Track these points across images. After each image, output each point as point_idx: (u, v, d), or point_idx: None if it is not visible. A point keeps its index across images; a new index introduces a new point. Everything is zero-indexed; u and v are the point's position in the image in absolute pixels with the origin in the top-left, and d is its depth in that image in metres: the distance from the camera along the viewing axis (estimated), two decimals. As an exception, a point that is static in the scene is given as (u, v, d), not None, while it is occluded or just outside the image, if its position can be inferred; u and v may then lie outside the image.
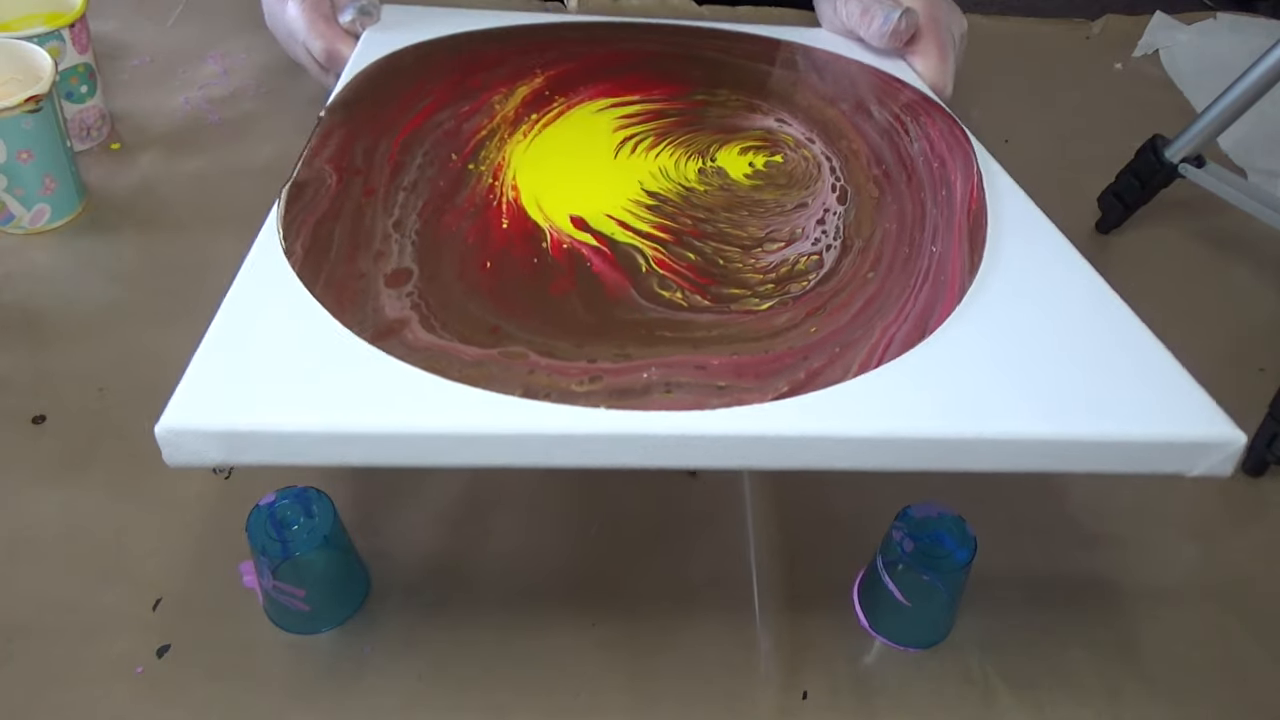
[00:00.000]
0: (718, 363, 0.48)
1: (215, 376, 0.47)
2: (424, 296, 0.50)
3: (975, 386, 0.48)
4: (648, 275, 0.54)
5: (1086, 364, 0.51)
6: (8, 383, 0.76)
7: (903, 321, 0.53)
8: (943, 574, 0.61)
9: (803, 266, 0.58)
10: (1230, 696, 0.63)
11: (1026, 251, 0.61)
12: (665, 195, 0.61)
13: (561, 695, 0.61)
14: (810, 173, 0.68)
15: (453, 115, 0.68)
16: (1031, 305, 0.55)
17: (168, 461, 0.48)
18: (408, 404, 0.44)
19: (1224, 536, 0.71)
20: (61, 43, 0.90)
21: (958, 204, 0.65)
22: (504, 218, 0.56)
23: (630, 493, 0.71)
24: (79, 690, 0.60)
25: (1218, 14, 1.26)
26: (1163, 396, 0.49)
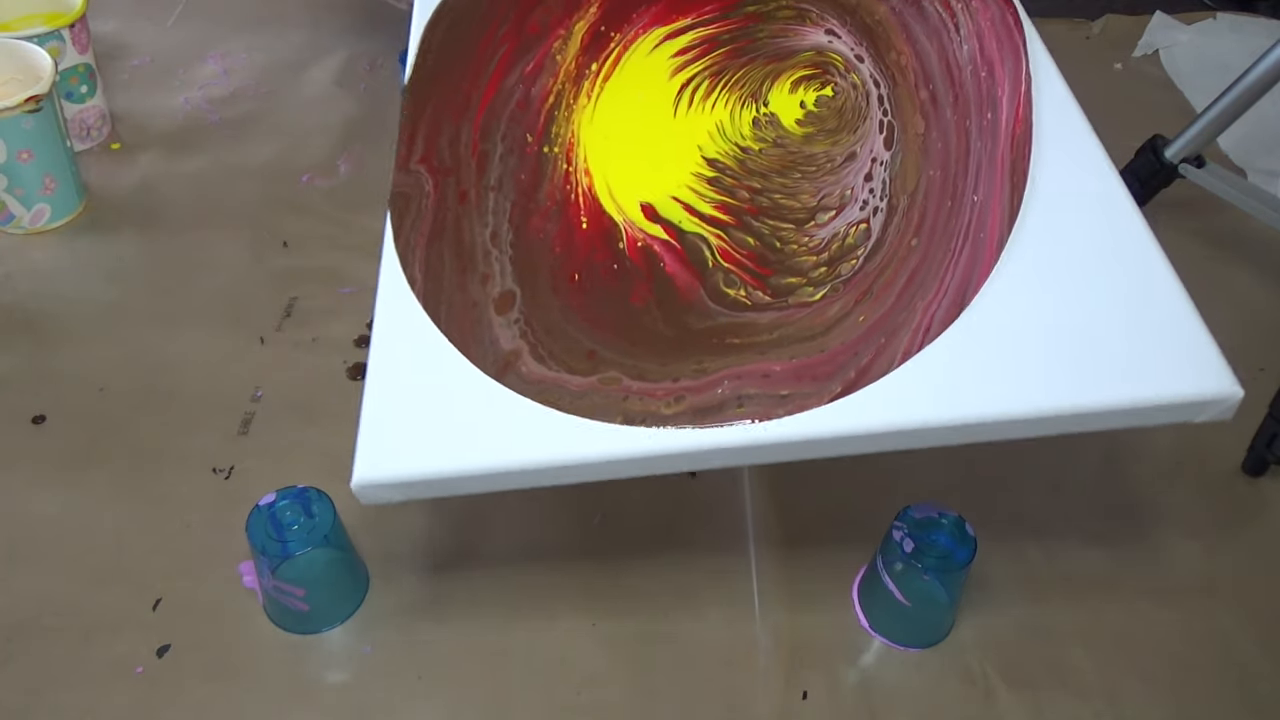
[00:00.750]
0: (780, 369, 0.55)
1: (384, 432, 0.55)
2: (529, 323, 0.59)
3: (1008, 363, 0.53)
4: (714, 270, 0.61)
5: (1111, 326, 0.54)
6: (8, 383, 0.76)
7: (942, 297, 0.57)
8: (943, 574, 0.61)
9: (852, 239, 0.62)
10: (1230, 696, 0.63)
11: (1065, 183, 0.61)
12: (723, 163, 0.67)
13: (562, 693, 0.61)
14: (859, 107, 0.69)
15: (520, 79, 0.70)
16: (1063, 261, 0.57)
17: (363, 502, 0.55)
18: (538, 441, 0.54)
19: (1224, 536, 0.71)
20: (61, 43, 0.90)
21: (1002, 131, 0.65)
22: (583, 215, 0.63)
23: (631, 492, 0.71)
24: (79, 690, 0.60)
25: (1218, 14, 1.26)
26: (1178, 356, 0.53)
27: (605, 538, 0.69)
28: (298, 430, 0.74)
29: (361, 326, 0.81)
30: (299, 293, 0.84)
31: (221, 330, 0.80)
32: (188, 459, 0.72)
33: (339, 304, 0.83)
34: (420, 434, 0.55)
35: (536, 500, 0.70)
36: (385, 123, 1.00)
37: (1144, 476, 0.74)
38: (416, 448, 0.54)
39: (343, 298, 0.83)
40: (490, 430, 0.54)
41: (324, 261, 0.86)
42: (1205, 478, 0.75)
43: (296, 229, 0.89)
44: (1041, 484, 0.73)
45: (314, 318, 0.82)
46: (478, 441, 0.54)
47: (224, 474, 0.71)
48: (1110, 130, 1.07)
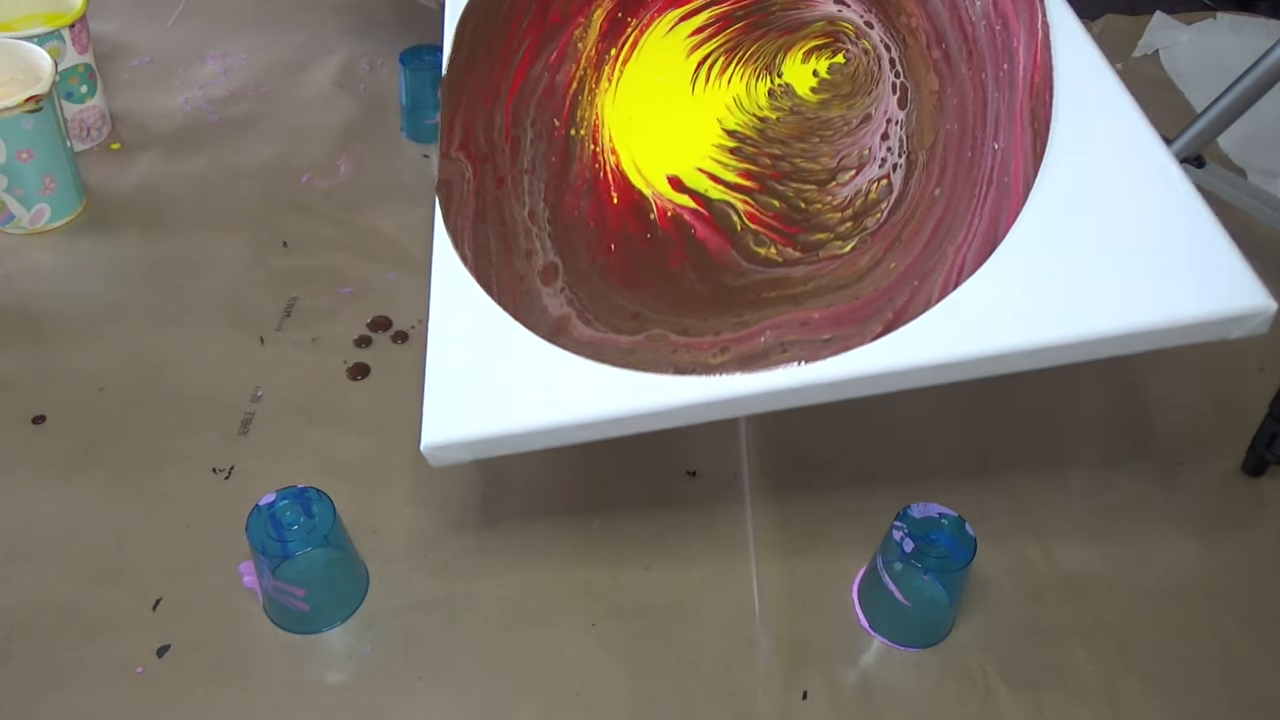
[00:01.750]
0: (818, 316, 0.57)
1: (450, 394, 0.58)
2: (574, 291, 0.61)
3: (1040, 293, 0.54)
4: (743, 233, 0.63)
5: (1142, 251, 0.54)
6: (8, 383, 0.76)
7: (972, 239, 0.58)
8: (943, 574, 0.61)
9: (875, 195, 0.63)
10: (1230, 696, 0.63)
11: (1087, 122, 0.61)
12: (743, 133, 0.68)
13: (562, 694, 0.61)
14: (871, 71, 0.70)
15: (545, 67, 0.73)
16: (1091, 193, 0.57)
17: (434, 465, 0.58)
18: (596, 395, 0.56)
19: (1224, 536, 0.71)
20: (61, 43, 0.90)
21: (1020, 80, 0.65)
22: (613, 191, 0.66)
23: (630, 492, 0.71)
24: (79, 690, 0.60)
25: (1218, 14, 1.26)
26: (1210, 275, 0.53)
27: (605, 538, 0.69)
28: (298, 430, 0.74)
29: (361, 326, 0.81)
30: (299, 293, 0.84)
31: (221, 330, 0.80)
32: (188, 459, 0.72)
33: (339, 304, 0.83)
34: (483, 395, 0.58)
35: (537, 501, 0.70)
36: (385, 123, 1.00)
37: (1144, 476, 0.74)
38: (480, 408, 0.57)
39: (343, 298, 0.84)
40: (549, 388, 0.57)
41: (324, 261, 0.87)
42: (1205, 478, 0.75)
43: (296, 229, 0.89)
44: (1041, 484, 0.73)
45: (314, 318, 0.82)
46: (539, 399, 0.57)
47: (224, 474, 0.71)
48: (1110, 130, 1.07)
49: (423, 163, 0.97)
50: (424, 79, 0.96)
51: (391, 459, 0.72)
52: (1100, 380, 0.81)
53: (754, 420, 0.76)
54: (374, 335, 0.81)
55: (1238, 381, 0.81)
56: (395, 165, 0.96)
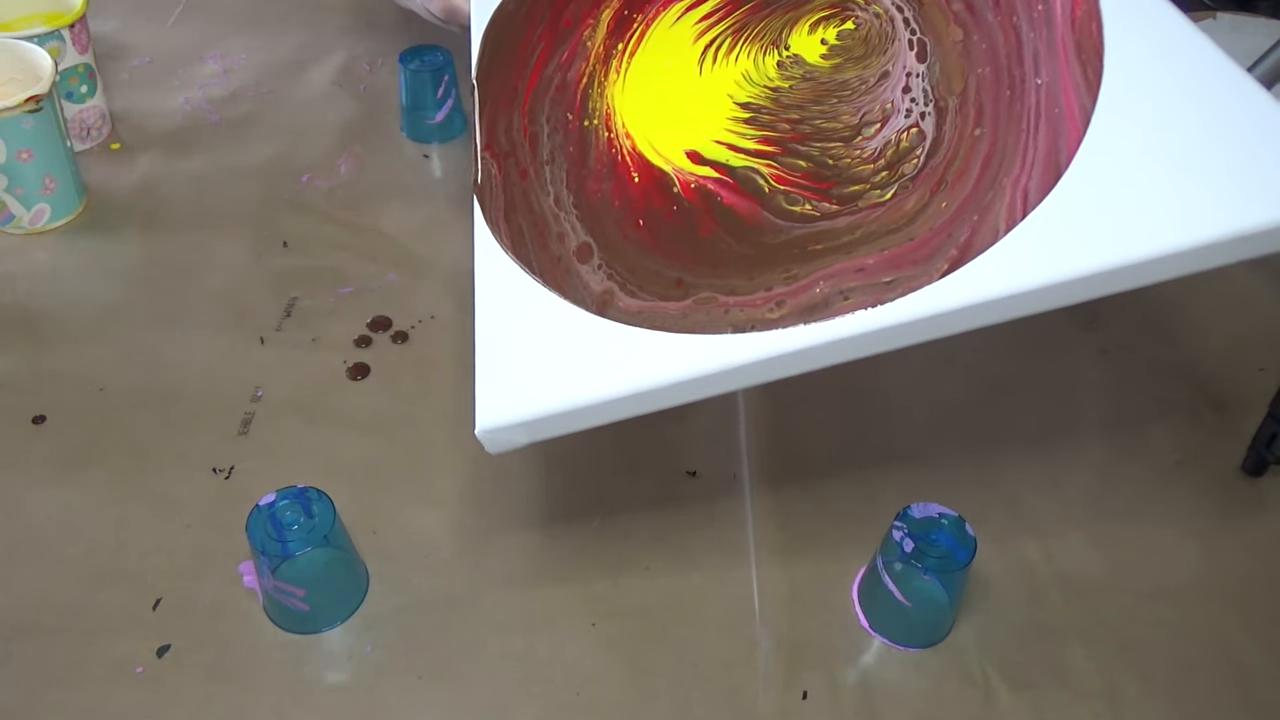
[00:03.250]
0: (873, 261, 0.54)
1: (501, 375, 0.56)
2: (612, 266, 0.59)
3: (1115, 213, 0.51)
4: (772, 194, 0.60)
5: (1215, 159, 0.51)
6: (8, 383, 0.76)
7: (1029, 169, 0.54)
8: (943, 574, 0.61)
9: (906, 143, 0.60)
10: (1230, 696, 0.63)
11: (1143, 42, 0.57)
12: (757, 104, 0.66)
13: (562, 694, 0.61)
14: (885, 32, 0.67)
15: (557, 67, 0.72)
16: (1156, 111, 0.54)
17: (490, 451, 0.56)
18: (656, 362, 0.54)
19: (1224, 536, 0.71)
20: (61, 43, 0.90)
21: (1059, 16, 0.61)
22: (633, 171, 0.64)
23: (630, 492, 0.71)
24: (79, 690, 0.60)
25: (1218, 14, 1.26)
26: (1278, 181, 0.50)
27: (605, 538, 0.69)
28: (298, 430, 0.74)
29: (361, 326, 0.81)
30: (299, 293, 0.84)
31: (221, 330, 0.80)
32: (188, 459, 0.72)
33: (339, 304, 0.83)
34: (536, 373, 0.56)
35: (537, 501, 0.70)
36: (385, 123, 1.00)
37: (1144, 476, 0.74)
38: (535, 387, 0.55)
39: (343, 298, 0.84)
40: (605, 360, 0.55)
41: (324, 261, 0.87)
42: (1205, 478, 0.75)
43: (296, 229, 0.89)
44: (1041, 484, 0.73)
45: (314, 318, 0.82)
46: (595, 372, 0.55)
47: (224, 474, 0.71)
48: (1110, 130, 1.07)
49: (423, 163, 0.97)
50: (424, 79, 0.96)
51: (391, 459, 0.72)
52: (1100, 380, 0.81)
53: (754, 420, 0.76)
54: (374, 335, 0.81)
55: (1238, 381, 0.81)
56: (395, 165, 0.96)
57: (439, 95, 0.97)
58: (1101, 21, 0.59)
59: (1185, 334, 0.85)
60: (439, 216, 0.91)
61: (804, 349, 0.52)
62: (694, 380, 0.54)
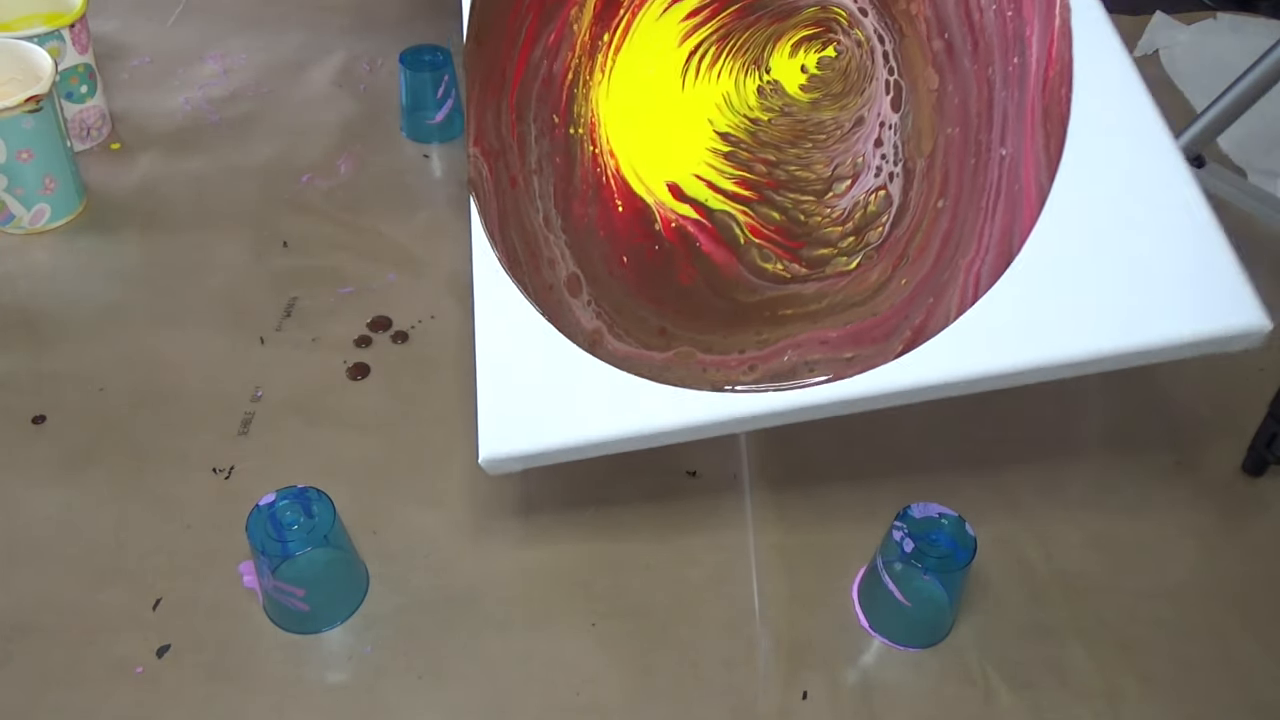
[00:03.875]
0: (836, 335, 0.59)
1: (502, 408, 0.61)
2: (600, 305, 0.63)
3: (1054, 310, 0.56)
4: (747, 247, 0.64)
5: (1154, 269, 0.56)
6: (8, 383, 0.76)
7: (984, 253, 0.58)
8: (943, 574, 0.61)
9: (874, 207, 0.63)
10: (1230, 696, 0.63)
11: (1104, 121, 0.60)
12: (736, 136, 0.69)
13: (561, 693, 0.61)
14: (864, 66, 0.68)
15: (544, 52, 0.72)
16: (1106, 205, 0.58)
17: (488, 473, 0.61)
18: (640, 411, 0.59)
19: (1224, 536, 0.71)
20: (61, 43, 0.90)
21: (1032, 75, 0.62)
22: (617, 199, 0.67)
23: (630, 493, 0.71)
24: (79, 690, 0.60)
25: (1218, 14, 1.26)
26: (1216, 294, 0.55)
27: (605, 538, 0.69)
28: (298, 430, 0.74)
29: (361, 326, 0.81)
30: (299, 293, 0.84)
31: (221, 330, 0.81)
32: (188, 459, 0.72)
33: (339, 304, 0.83)
34: (534, 410, 0.60)
35: (537, 501, 0.70)
36: (385, 123, 1.00)
37: (1144, 477, 0.74)
38: (533, 424, 0.60)
39: (343, 298, 0.84)
40: (595, 404, 0.60)
41: (324, 261, 0.87)
42: (1205, 478, 0.75)
43: (296, 229, 0.89)
44: (1042, 485, 0.73)
45: (314, 318, 0.82)
46: (586, 415, 0.60)
47: (224, 474, 0.71)
48: (1110, 130, 1.07)
49: (423, 163, 0.97)
50: (424, 79, 0.96)
51: (391, 459, 0.72)
52: (1100, 380, 0.81)
53: (754, 420, 0.76)
54: (374, 335, 0.81)
55: (1238, 381, 0.81)
56: (395, 165, 0.96)
57: (439, 95, 0.97)
58: (1072, 87, 0.61)
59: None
60: (439, 216, 0.91)
61: (773, 412, 0.58)
62: (676, 430, 0.59)
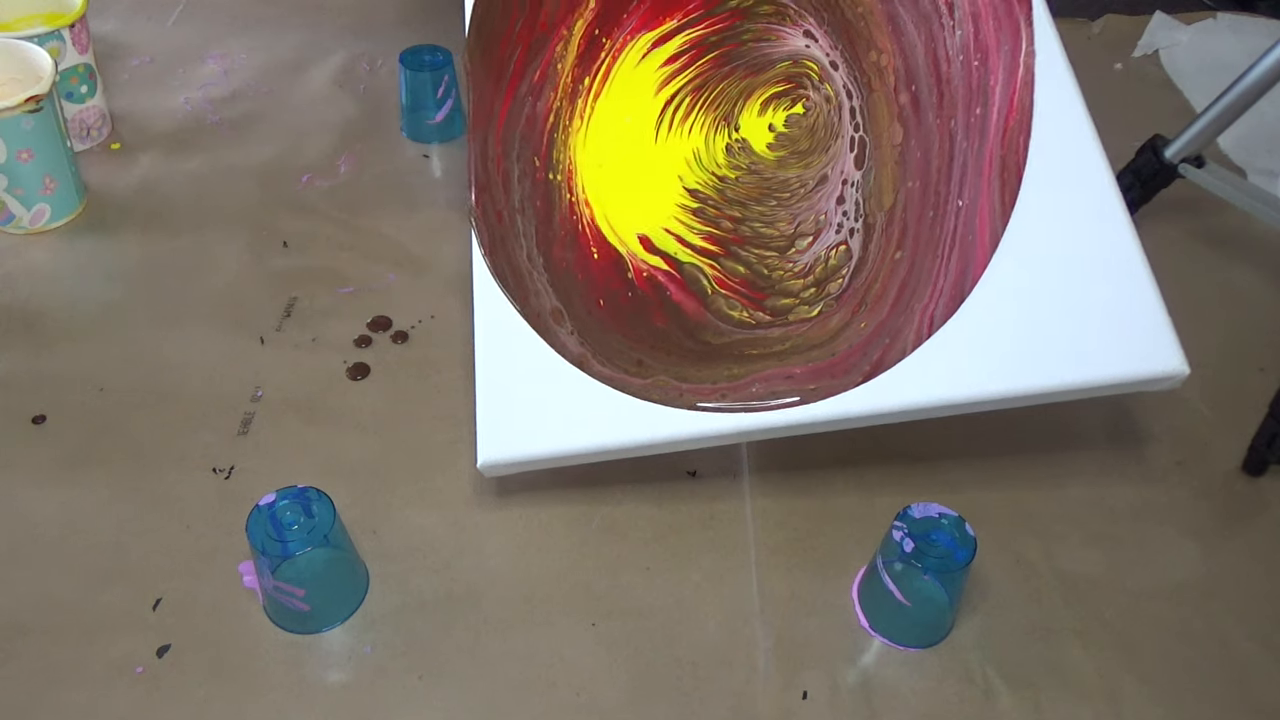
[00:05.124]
0: (800, 371, 0.65)
1: (499, 417, 0.66)
2: (582, 335, 0.68)
3: (999, 349, 0.62)
4: (714, 297, 0.69)
5: (1089, 315, 0.62)
6: (8, 383, 0.76)
7: (938, 297, 0.64)
8: (943, 574, 0.61)
9: (835, 261, 0.68)
10: (1230, 696, 0.63)
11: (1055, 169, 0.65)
12: (704, 193, 0.73)
13: (562, 694, 0.61)
14: (830, 123, 0.71)
15: (529, 89, 0.75)
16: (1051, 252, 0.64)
17: (485, 475, 0.68)
18: (626, 425, 0.65)
19: (1224, 536, 0.71)
20: (61, 43, 0.90)
21: (992, 125, 0.66)
22: (592, 246, 0.71)
23: (630, 493, 0.71)
24: (79, 690, 0.60)
25: (1218, 14, 1.26)
26: (1143, 341, 0.62)
27: (605, 538, 0.69)
28: (298, 430, 0.74)
29: (361, 326, 0.81)
30: (299, 293, 0.84)
31: (221, 330, 0.81)
32: (188, 459, 0.72)
33: (339, 304, 0.83)
34: (529, 420, 0.66)
35: (537, 501, 0.70)
36: (385, 123, 1.00)
37: (1144, 476, 0.74)
38: (528, 433, 0.66)
39: (343, 298, 0.84)
40: (584, 417, 0.65)
41: (324, 261, 0.87)
42: (1205, 478, 0.75)
43: (296, 229, 0.89)
44: (1041, 484, 0.73)
45: (314, 318, 0.82)
46: (575, 427, 0.65)
47: (224, 474, 0.71)
48: (1110, 130, 1.07)
49: (423, 163, 0.97)
50: (424, 79, 0.96)
51: (391, 459, 0.72)
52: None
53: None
54: (374, 335, 0.81)
55: (1238, 381, 0.81)
56: (395, 165, 0.96)
57: (439, 95, 0.97)
58: (1030, 134, 0.66)
59: (1185, 334, 0.85)
60: (439, 216, 0.91)
61: (744, 429, 0.64)
62: (657, 443, 0.65)
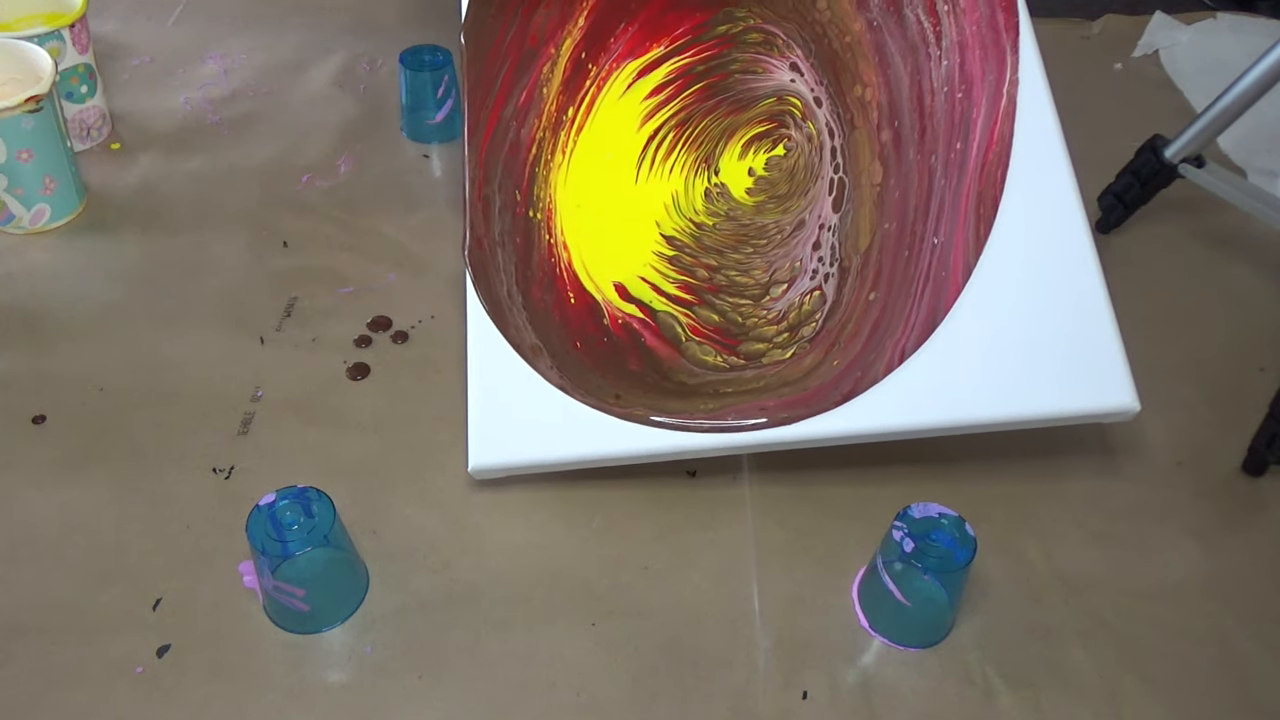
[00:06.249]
0: (774, 403, 0.66)
1: (490, 423, 0.68)
2: (561, 371, 0.69)
3: (964, 378, 0.65)
4: (688, 343, 0.71)
5: (1051, 349, 0.65)
6: (8, 383, 0.76)
7: (911, 331, 0.66)
8: (943, 574, 0.61)
9: (809, 306, 0.69)
10: (1230, 696, 0.63)
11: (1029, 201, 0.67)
12: (680, 240, 0.74)
13: (562, 694, 0.61)
14: (811, 164, 0.72)
15: (514, 112, 0.75)
16: (1019, 287, 0.66)
17: (475, 478, 0.69)
18: (609, 437, 0.67)
19: (1224, 536, 0.71)
20: (61, 43, 0.90)
21: (972, 160, 0.68)
22: (569, 291, 0.72)
23: (630, 493, 0.71)
24: (79, 690, 0.60)
25: (1218, 14, 1.26)
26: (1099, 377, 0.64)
27: (605, 538, 0.69)
28: (298, 430, 0.74)
29: (361, 326, 0.81)
30: (299, 293, 0.84)
31: (221, 330, 0.81)
32: (188, 459, 0.72)
33: (339, 304, 0.83)
34: (518, 427, 0.67)
35: (537, 501, 0.70)
36: (385, 123, 1.00)
37: (1144, 476, 0.74)
38: (517, 439, 0.67)
39: (343, 298, 0.84)
40: (570, 427, 0.67)
41: (324, 261, 0.87)
42: (1205, 478, 0.75)
43: (296, 229, 0.89)
44: (1041, 484, 0.73)
45: (314, 318, 0.82)
46: (561, 437, 0.67)
47: (224, 474, 0.71)
48: (1110, 130, 1.08)
49: (423, 163, 0.97)
50: (424, 79, 0.96)
51: (391, 459, 0.72)
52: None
53: (754, 420, 0.76)
54: (374, 335, 0.81)
55: (1238, 381, 0.81)
56: (395, 165, 0.96)
57: (439, 95, 0.97)
58: (1008, 168, 0.68)
59: (1185, 334, 0.85)
60: (439, 216, 0.91)
61: (720, 446, 0.67)
62: (642, 454, 0.67)
